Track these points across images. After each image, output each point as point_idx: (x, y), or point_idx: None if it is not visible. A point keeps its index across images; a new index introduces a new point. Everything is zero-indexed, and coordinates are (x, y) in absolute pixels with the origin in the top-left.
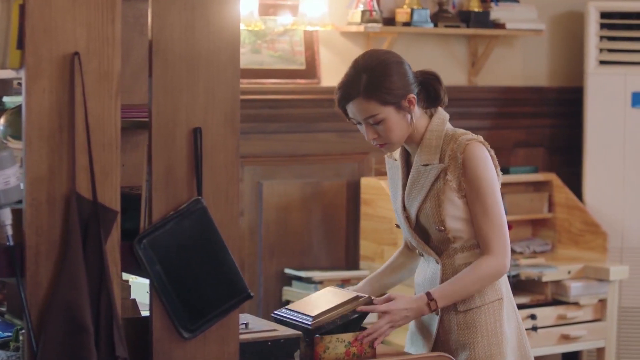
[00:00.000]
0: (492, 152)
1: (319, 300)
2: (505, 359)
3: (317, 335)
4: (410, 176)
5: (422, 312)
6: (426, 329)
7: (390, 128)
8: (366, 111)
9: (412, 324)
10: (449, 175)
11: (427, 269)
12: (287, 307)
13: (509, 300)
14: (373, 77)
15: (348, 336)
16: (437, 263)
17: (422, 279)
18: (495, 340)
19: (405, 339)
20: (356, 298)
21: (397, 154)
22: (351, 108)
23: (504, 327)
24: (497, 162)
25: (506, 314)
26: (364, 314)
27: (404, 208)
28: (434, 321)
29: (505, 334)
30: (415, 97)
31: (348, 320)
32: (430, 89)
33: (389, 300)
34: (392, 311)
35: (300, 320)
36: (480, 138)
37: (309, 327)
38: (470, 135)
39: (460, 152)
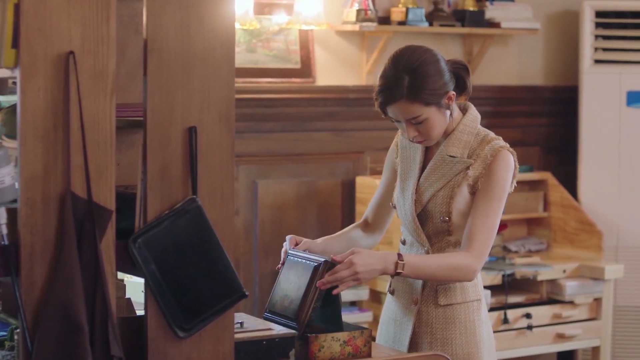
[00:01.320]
0: (517, 163)
1: (289, 288)
2: (482, 359)
3: (312, 334)
4: (432, 162)
5: (388, 271)
6: (401, 320)
7: (432, 126)
8: (409, 113)
9: (386, 314)
10: (471, 171)
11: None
12: (267, 310)
13: (485, 303)
14: (415, 79)
15: (343, 335)
16: (427, 253)
17: None
18: (473, 338)
19: (377, 330)
20: (316, 269)
21: None
22: (393, 109)
23: (481, 327)
24: (517, 173)
25: (483, 316)
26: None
27: (417, 191)
28: (412, 313)
29: (483, 335)
30: (454, 92)
31: (322, 295)
32: (459, 79)
33: (351, 254)
34: (357, 264)
35: (287, 323)
36: (509, 147)
37: (298, 331)
38: (502, 142)
39: (492, 155)
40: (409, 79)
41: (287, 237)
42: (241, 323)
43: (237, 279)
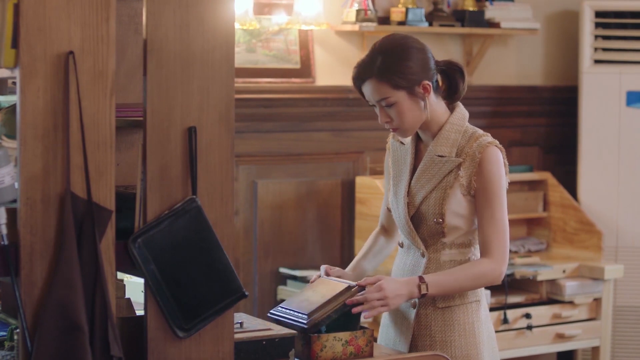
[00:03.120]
0: (506, 159)
1: (313, 295)
2: None
3: (315, 334)
4: (422, 163)
5: (413, 295)
6: (401, 323)
7: (401, 112)
8: (378, 93)
9: (386, 317)
10: (462, 171)
11: (406, 260)
12: (281, 305)
13: (485, 304)
14: (388, 59)
15: (345, 335)
16: (423, 256)
17: (401, 270)
18: (472, 340)
19: (379, 332)
20: (348, 288)
21: (407, 138)
22: (366, 89)
23: (481, 329)
24: (508, 169)
25: (483, 317)
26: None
27: (409, 193)
28: (411, 315)
29: (483, 336)
30: (431, 84)
31: (343, 313)
32: (451, 80)
33: (379, 280)
34: (386, 289)
35: (296, 319)
36: (498, 143)
37: (305, 327)
38: (490, 137)
39: (479, 151)
40: (381, 59)
41: (322, 267)
42: (241, 323)
43: (237, 279)
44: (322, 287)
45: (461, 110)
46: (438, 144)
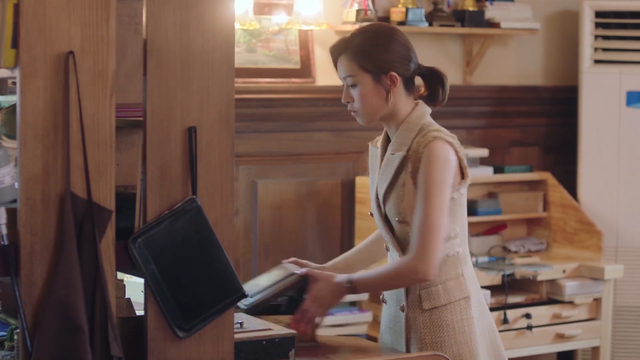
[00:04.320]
0: (461, 152)
1: (263, 279)
2: (477, 358)
3: (256, 316)
4: (382, 164)
5: (343, 295)
6: (394, 327)
7: (362, 95)
8: (346, 69)
9: (382, 324)
10: (409, 166)
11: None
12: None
13: (478, 298)
14: (365, 41)
15: (286, 318)
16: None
17: None
18: (463, 339)
19: (379, 339)
20: (290, 275)
21: (379, 141)
22: (339, 64)
23: (473, 326)
24: (465, 164)
25: (476, 312)
26: (300, 293)
27: (377, 196)
28: (402, 319)
29: (475, 333)
30: (400, 79)
31: (291, 298)
32: (432, 87)
33: (312, 277)
34: (317, 296)
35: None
36: (450, 138)
37: (246, 308)
38: (441, 133)
39: (423, 146)
40: (360, 39)
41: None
42: (241, 323)
43: (237, 279)
44: (275, 272)
45: (420, 108)
46: (393, 142)
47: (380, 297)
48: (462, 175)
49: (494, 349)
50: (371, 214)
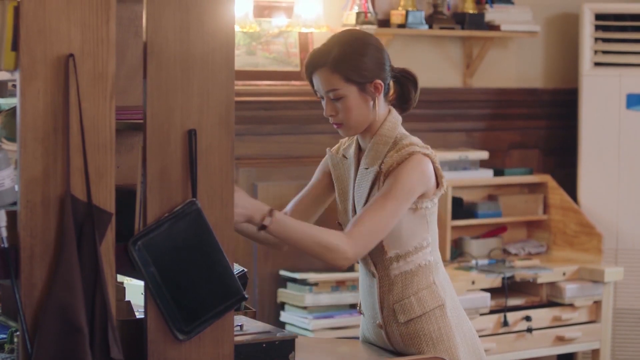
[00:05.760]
0: (437, 163)
1: None
2: None
3: None
4: (356, 178)
5: (253, 219)
6: (376, 340)
7: (349, 108)
8: (329, 83)
9: (361, 332)
10: (382, 181)
11: (364, 280)
12: None
13: (454, 305)
14: (345, 51)
15: None
16: (374, 276)
17: (363, 292)
18: (443, 347)
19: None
20: None
21: (350, 151)
22: (316, 78)
23: (452, 333)
24: (441, 174)
25: (453, 319)
26: None
27: (355, 210)
28: (380, 336)
29: (455, 339)
30: (383, 85)
31: None
32: (403, 88)
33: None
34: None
35: None
36: (425, 149)
37: None
38: (416, 147)
39: (398, 162)
40: (338, 50)
41: None
42: (241, 326)
43: (237, 281)
44: None
45: (392, 119)
46: (367, 156)
47: (357, 308)
48: (437, 184)
49: (475, 354)
50: (339, 224)
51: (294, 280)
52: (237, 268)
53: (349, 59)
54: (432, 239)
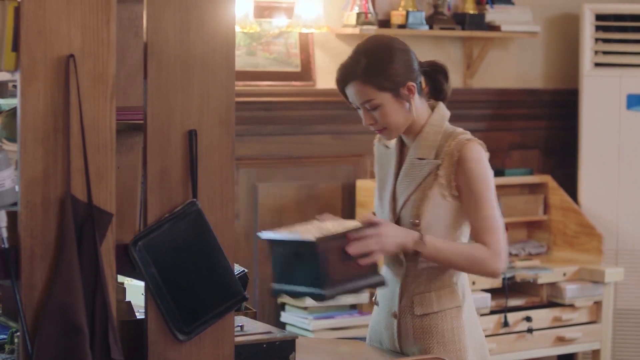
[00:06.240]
0: (488, 155)
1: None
2: None
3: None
4: (403, 167)
5: (407, 244)
6: (385, 333)
7: (386, 114)
8: (363, 95)
9: (372, 324)
10: (441, 171)
11: (391, 266)
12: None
13: (470, 308)
14: (372, 61)
15: None
16: (401, 265)
17: (387, 278)
18: (452, 347)
19: (367, 335)
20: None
21: (391, 142)
22: (349, 91)
23: (462, 336)
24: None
25: (467, 322)
26: None
27: (394, 198)
28: (393, 326)
29: (465, 343)
30: (416, 85)
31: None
32: (435, 81)
33: (376, 223)
34: (382, 233)
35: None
36: (477, 139)
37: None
38: (469, 135)
39: (458, 150)
40: (366, 61)
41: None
42: (241, 326)
43: (237, 282)
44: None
45: (441, 111)
46: (418, 146)
47: (373, 298)
48: None
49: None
50: (374, 213)
51: None
52: (237, 268)
53: (379, 68)
54: (465, 239)
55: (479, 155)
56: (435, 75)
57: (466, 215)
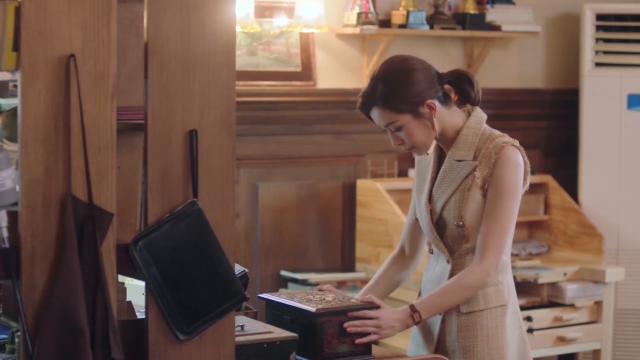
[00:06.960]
0: (526, 159)
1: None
2: None
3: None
4: (441, 170)
5: (408, 325)
6: (428, 329)
7: (411, 134)
8: (384, 119)
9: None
10: (478, 172)
11: (436, 266)
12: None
13: (514, 307)
14: (387, 86)
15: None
16: (448, 262)
17: (430, 277)
18: (496, 345)
19: (410, 340)
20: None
21: (430, 148)
22: (373, 115)
23: (506, 334)
24: (529, 169)
25: (509, 321)
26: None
27: (430, 201)
28: (437, 321)
29: (507, 341)
30: (436, 102)
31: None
32: (462, 89)
33: (374, 305)
34: (381, 318)
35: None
36: (517, 142)
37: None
38: (507, 137)
39: (496, 152)
40: (382, 86)
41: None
42: (242, 326)
43: (238, 282)
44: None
45: (478, 114)
46: (456, 148)
47: (418, 295)
48: (523, 181)
49: (522, 358)
50: (416, 219)
51: (295, 281)
52: (238, 268)
53: (395, 92)
54: (510, 239)
55: (514, 158)
56: (459, 83)
57: (484, 212)
